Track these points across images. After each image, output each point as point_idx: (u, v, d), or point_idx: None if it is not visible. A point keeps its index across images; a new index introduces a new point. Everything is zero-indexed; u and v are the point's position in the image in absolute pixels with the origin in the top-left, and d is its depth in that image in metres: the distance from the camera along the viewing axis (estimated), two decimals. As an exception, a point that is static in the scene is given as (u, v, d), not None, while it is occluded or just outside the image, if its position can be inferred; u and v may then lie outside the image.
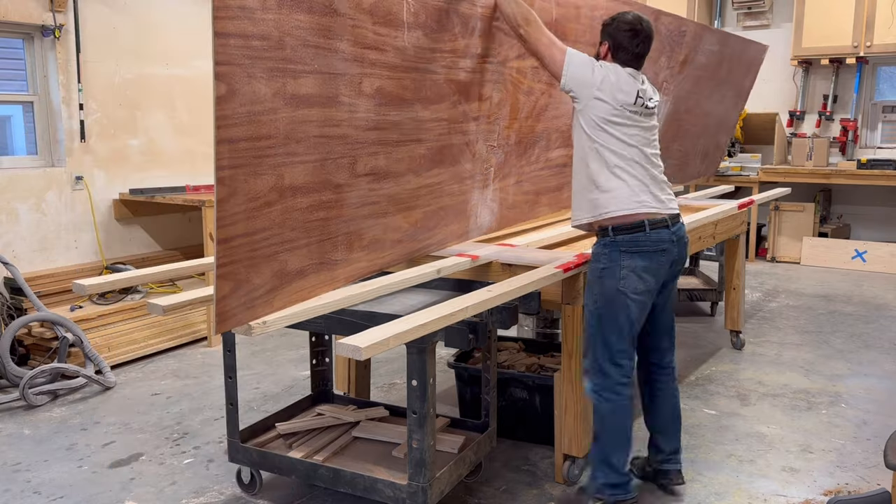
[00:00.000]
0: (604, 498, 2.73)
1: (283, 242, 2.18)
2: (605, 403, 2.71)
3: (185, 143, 5.70)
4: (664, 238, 2.67)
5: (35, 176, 4.82)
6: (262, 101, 1.99)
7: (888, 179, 7.09)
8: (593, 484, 2.77)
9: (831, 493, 2.93)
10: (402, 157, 2.60)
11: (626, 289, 2.64)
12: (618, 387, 2.69)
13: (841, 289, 6.50)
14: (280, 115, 2.05)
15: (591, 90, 2.62)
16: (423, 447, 2.45)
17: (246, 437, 2.92)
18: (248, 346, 4.86)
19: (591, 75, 2.63)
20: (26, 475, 3.14)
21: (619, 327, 2.67)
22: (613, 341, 2.68)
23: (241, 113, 1.93)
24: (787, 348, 4.78)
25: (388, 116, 2.48)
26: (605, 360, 2.69)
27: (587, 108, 2.64)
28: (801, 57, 7.57)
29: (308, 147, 2.18)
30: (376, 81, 2.38)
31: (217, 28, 1.82)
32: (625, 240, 2.64)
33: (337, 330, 2.56)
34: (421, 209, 2.80)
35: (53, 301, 4.70)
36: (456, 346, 2.58)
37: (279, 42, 2.00)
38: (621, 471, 2.72)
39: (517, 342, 3.85)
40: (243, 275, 2.07)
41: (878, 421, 3.63)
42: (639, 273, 2.64)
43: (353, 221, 2.46)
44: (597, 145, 2.64)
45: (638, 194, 2.64)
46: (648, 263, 2.65)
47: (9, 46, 4.83)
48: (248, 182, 2.01)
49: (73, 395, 4.06)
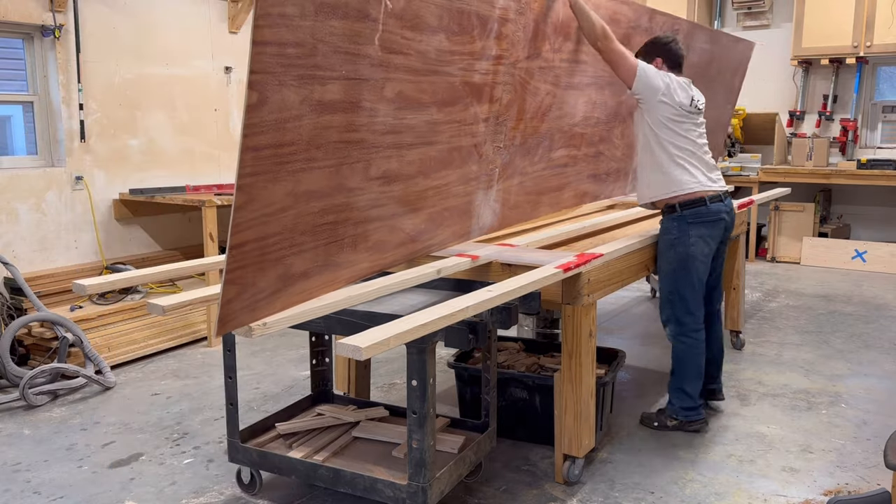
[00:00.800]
0: (679, 418, 3.43)
1: (292, 246, 2.17)
2: (683, 345, 3.40)
3: (185, 143, 5.70)
4: (721, 209, 3.34)
5: (35, 176, 4.82)
6: (290, 109, 1.97)
7: (888, 179, 7.09)
8: (671, 407, 3.46)
9: (831, 493, 2.93)
10: (413, 159, 2.59)
11: (695, 253, 3.32)
12: (692, 332, 3.39)
13: (841, 289, 6.50)
14: (304, 122, 2.04)
15: (657, 95, 3.23)
16: (423, 447, 2.45)
17: (246, 437, 2.92)
18: (248, 346, 4.86)
19: (658, 83, 3.23)
20: (26, 475, 3.14)
21: (691, 284, 3.35)
22: (688, 296, 3.36)
23: (269, 121, 1.92)
24: (787, 348, 4.78)
25: (405, 120, 2.47)
26: (682, 312, 3.37)
27: (653, 109, 3.26)
28: (801, 57, 7.57)
29: (327, 152, 2.17)
30: (398, 85, 2.38)
31: (256, 37, 1.80)
32: (690, 213, 3.30)
33: (337, 330, 2.56)
34: (426, 210, 2.80)
35: (53, 301, 4.70)
36: (456, 346, 2.58)
37: (312, 49, 1.99)
38: (695, 397, 3.42)
39: (517, 342, 3.85)
40: (250, 279, 2.06)
41: (878, 421, 3.63)
42: (704, 239, 3.32)
43: (361, 224, 2.45)
44: (661, 139, 3.28)
45: (696, 176, 3.30)
46: (710, 231, 3.33)
47: (9, 46, 4.83)
48: (266, 188, 1.99)
49: (73, 395, 4.06)
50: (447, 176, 2.83)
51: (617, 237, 3.58)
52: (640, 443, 3.39)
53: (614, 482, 3.03)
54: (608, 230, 3.90)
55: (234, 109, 6.04)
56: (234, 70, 6.01)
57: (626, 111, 4.04)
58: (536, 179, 3.49)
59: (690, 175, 3.29)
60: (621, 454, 3.28)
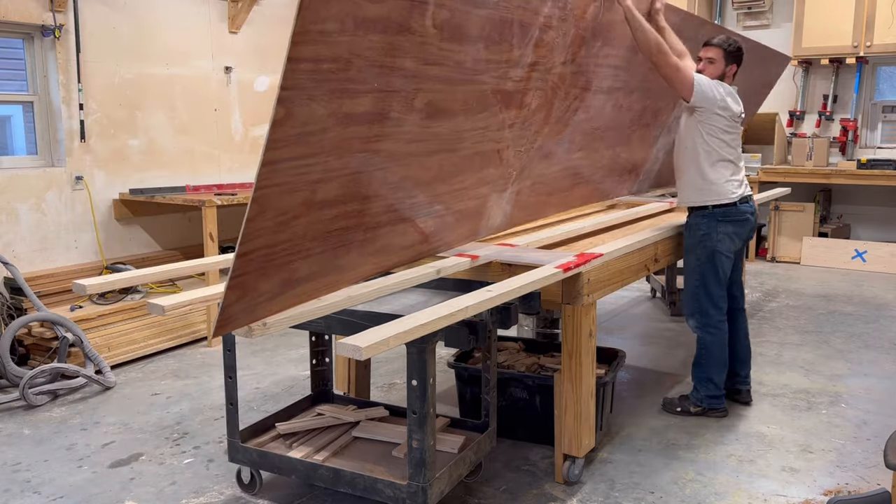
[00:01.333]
0: (703, 406, 3.63)
1: (299, 252, 2.12)
2: (709, 336, 3.59)
3: (185, 143, 5.70)
4: (747, 210, 3.55)
5: (35, 176, 4.82)
6: (316, 122, 1.90)
7: (888, 179, 7.09)
8: (696, 395, 3.64)
9: (831, 493, 2.93)
10: (433, 165, 2.52)
11: (722, 249, 3.51)
12: (718, 323, 3.59)
13: (841, 289, 6.50)
14: (329, 135, 1.96)
15: (713, 107, 3.36)
16: (423, 447, 2.45)
17: (246, 437, 2.92)
18: (248, 345, 4.86)
19: (715, 95, 3.36)
20: (26, 475, 3.14)
21: (717, 278, 3.54)
22: (713, 289, 3.55)
23: (293, 135, 1.85)
24: (787, 348, 4.78)
25: (431, 128, 2.39)
26: (708, 304, 3.56)
27: (708, 119, 3.39)
28: (801, 57, 7.57)
29: (347, 162, 2.09)
30: (429, 96, 2.29)
31: (292, 53, 1.72)
32: (720, 212, 3.50)
33: (337, 330, 2.55)
34: (439, 214, 2.74)
35: (53, 301, 4.70)
36: (456, 346, 2.58)
37: (347, 63, 1.90)
38: (720, 386, 3.62)
39: (517, 342, 3.85)
40: (252, 283, 2.02)
41: (878, 421, 3.63)
42: (731, 236, 3.51)
43: (372, 229, 2.40)
44: (710, 148, 3.44)
45: (733, 182, 3.50)
46: (737, 229, 3.53)
47: (9, 46, 4.83)
48: (281, 199, 1.93)
49: (73, 395, 4.06)
50: (465, 180, 2.76)
51: (617, 237, 3.58)
52: (640, 443, 3.39)
53: (614, 482, 3.03)
54: (608, 230, 3.90)
55: (234, 109, 6.04)
56: (234, 70, 6.01)
57: (650, 114, 4.00)
58: (550, 180, 3.45)
59: (733, 184, 3.49)
60: (621, 454, 3.28)
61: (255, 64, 6.20)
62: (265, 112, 6.29)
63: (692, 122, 3.45)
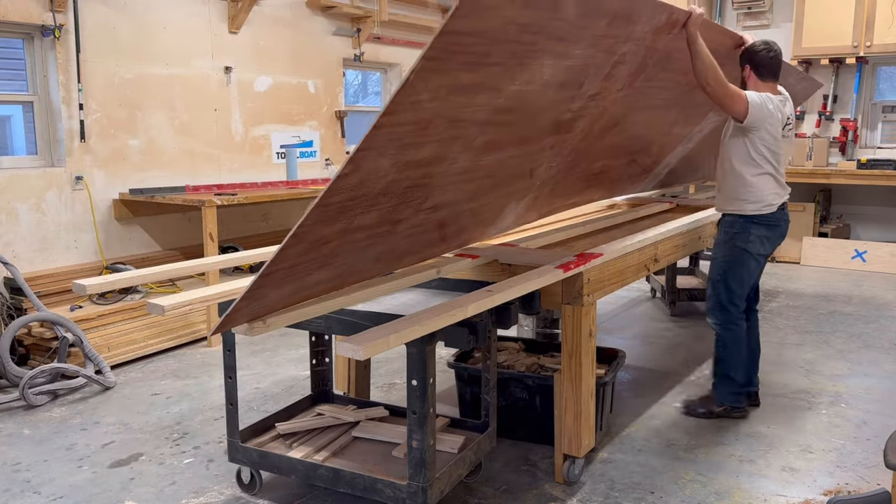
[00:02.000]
0: (726, 403, 3.63)
1: (320, 266, 2.11)
2: (728, 333, 3.58)
3: (185, 143, 5.69)
4: (781, 217, 3.59)
5: (35, 176, 4.81)
6: (378, 172, 1.89)
7: (888, 179, 7.09)
8: (718, 394, 3.64)
9: (831, 493, 2.93)
10: (468, 188, 2.47)
11: (752, 250, 3.52)
12: (737, 320, 3.59)
13: (841, 289, 6.50)
14: (385, 179, 1.95)
15: (764, 124, 3.39)
16: (423, 447, 2.45)
17: (246, 437, 2.92)
18: (248, 345, 4.86)
19: (765, 113, 3.37)
20: (26, 475, 3.14)
21: (740, 278, 3.54)
22: (735, 288, 3.54)
23: (352, 183, 1.85)
24: (787, 348, 4.78)
25: (481, 161, 2.35)
26: (728, 302, 3.56)
27: (758, 134, 3.40)
28: (801, 57, 7.57)
29: (391, 198, 2.08)
30: (488, 137, 2.26)
31: (378, 122, 1.71)
32: (757, 216, 3.50)
33: (337, 330, 2.55)
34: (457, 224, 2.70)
35: (53, 301, 4.70)
36: (456, 346, 2.58)
37: (427, 123, 1.88)
38: (741, 383, 3.63)
39: (517, 342, 3.85)
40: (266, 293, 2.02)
41: (878, 421, 3.63)
42: (762, 240, 3.53)
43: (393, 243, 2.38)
44: (755, 159, 3.44)
45: (773, 191, 3.51)
46: (769, 234, 3.55)
47: (9, 46, 4.83)
48: (319, 229, 1.93)
49: (72, 395, 4.06)
50: (493, 195, 2.72)
51: (617, 237, 3.58)
52: (640, 443, 3.39)
53: (614, 482, 3.03)
54: (608, 230, 3.90)
55: (234, 109, 6.04)
56: (234, 70, 6.01)
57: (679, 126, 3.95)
58: (568, 185, 3.41)
59: (775, 195, 3.52)
60: (621, 454, 3.28)
61: (254, 64, 6.19)
62: (265, 112, 6.29)
63: (742, 135, 3.44)
